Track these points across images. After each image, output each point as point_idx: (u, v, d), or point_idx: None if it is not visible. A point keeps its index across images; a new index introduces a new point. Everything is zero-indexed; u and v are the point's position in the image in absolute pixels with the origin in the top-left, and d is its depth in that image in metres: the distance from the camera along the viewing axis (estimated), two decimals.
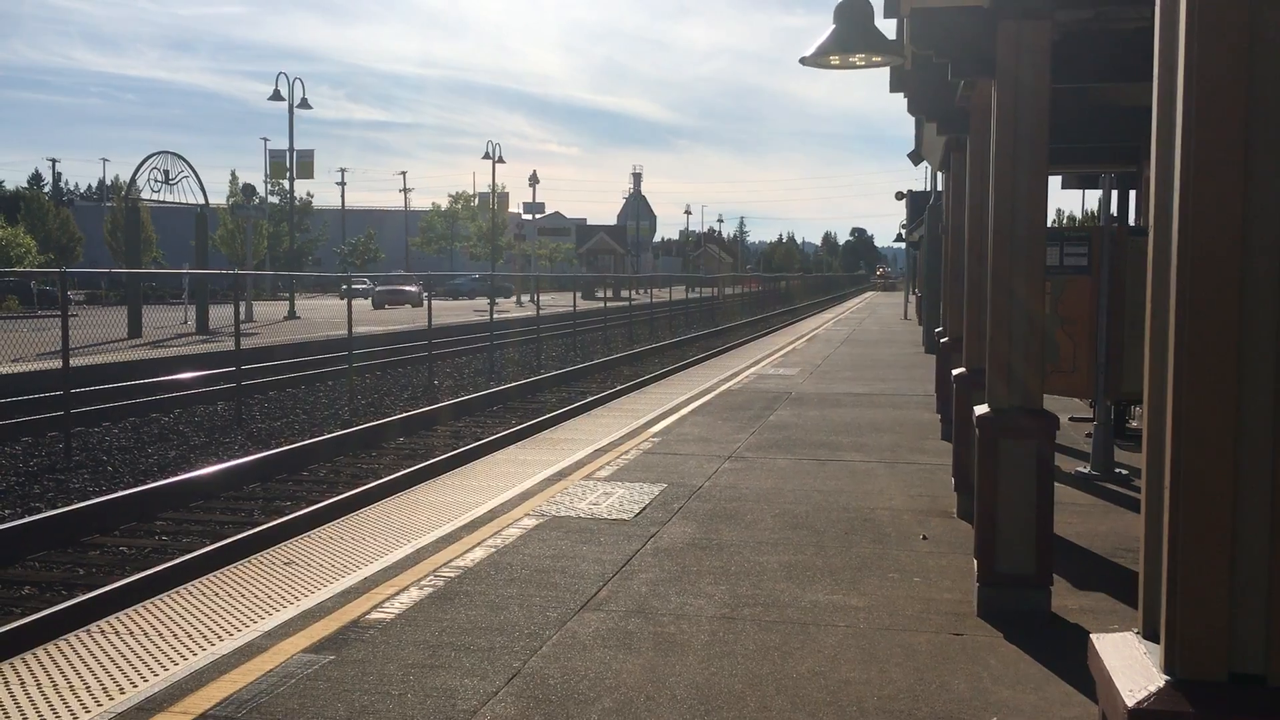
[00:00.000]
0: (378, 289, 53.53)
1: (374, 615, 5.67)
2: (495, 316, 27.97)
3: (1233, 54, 2.05)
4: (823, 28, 6.37)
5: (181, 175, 35.29)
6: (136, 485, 11.57)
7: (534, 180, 73.06)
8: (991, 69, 5.73)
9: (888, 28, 7.17)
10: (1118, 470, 9.68)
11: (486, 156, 65.47)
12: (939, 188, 22.41)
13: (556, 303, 48.27)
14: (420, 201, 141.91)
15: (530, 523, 7.73)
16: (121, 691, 4.68)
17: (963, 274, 8.93)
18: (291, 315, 41.18)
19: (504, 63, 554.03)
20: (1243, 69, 2.05)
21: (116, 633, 5.49)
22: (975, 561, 5.92)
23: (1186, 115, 2.10)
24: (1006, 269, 5.74)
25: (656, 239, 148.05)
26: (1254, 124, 2.05)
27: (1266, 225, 2.06)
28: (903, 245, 52.78)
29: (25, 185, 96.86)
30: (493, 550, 6.98)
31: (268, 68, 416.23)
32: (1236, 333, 2.07)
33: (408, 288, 53.59)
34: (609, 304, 41.54)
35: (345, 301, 22.58)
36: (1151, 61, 2.31)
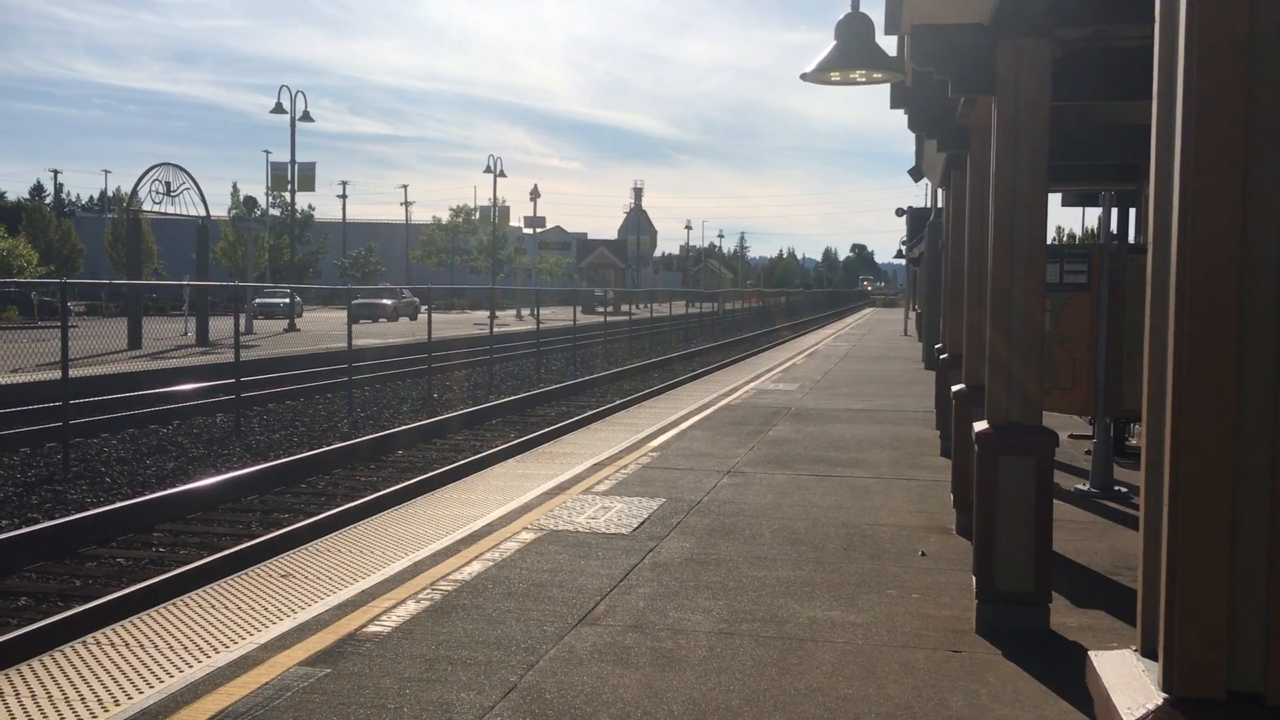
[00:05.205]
0: (355, 302, 53.89)
1: (371, 628, 5.66)
2: (495, 330, 27.99)
3: (1232, 72, 2.05)
4: (824, 44, 6.39)
5: (183, 187, 35.45)
6: (134, 496, 11.55)
7: (535, 194, 73.27)
8: (992, 86, 5.74)
9: (888, 44, 7.20)
10: (1117, 488, 9.66)
11: (488, 170, 65.61)
12: (939, 204, 22.43)
13: (556, 317, 48.29)
14: (422, 215, 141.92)
15: (528, 536, 7.71)
16: (117, 704, 4.66)
17: (962, 291, 8.94)
18: (291, 328, 41.20)
19: (507, 77, 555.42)
20: (1242, 87, 2.05)
21: (113, 644, 5.47)
22: (974, 578, 5.91)
23: (1186, 133, 2.10)
24: (1007, 285, 5.74)
25: (657, 254, 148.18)
26: (1253, 142, 2.06)
27: (1265, 242, 2.06)
28: (903, 261, 52.81)
29: (27, 196, 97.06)
30: (490, 564, 6.96)
31: (270, 81, 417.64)
32: (1236, 350, 2.07)
33: (385, 301, 55.45)
34: (609, 319, 41.46)
35: (345, 314, 22.54)
36: (1151, 79, 2.32)
